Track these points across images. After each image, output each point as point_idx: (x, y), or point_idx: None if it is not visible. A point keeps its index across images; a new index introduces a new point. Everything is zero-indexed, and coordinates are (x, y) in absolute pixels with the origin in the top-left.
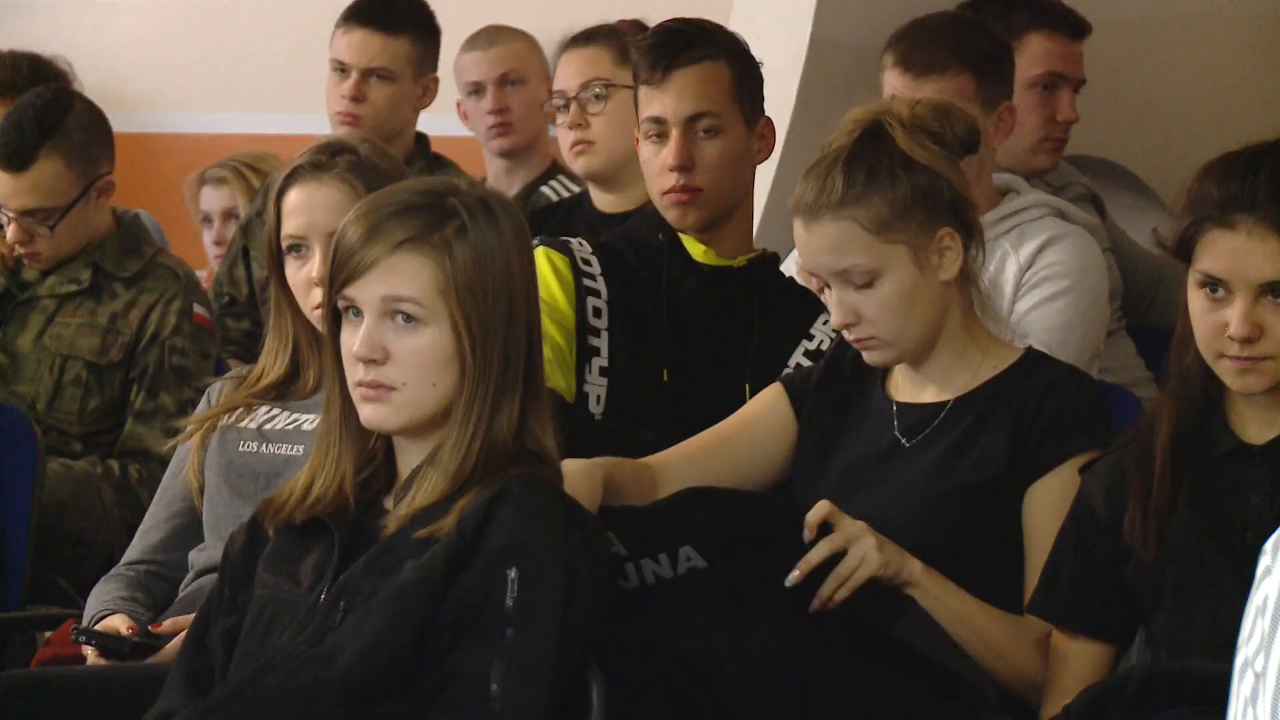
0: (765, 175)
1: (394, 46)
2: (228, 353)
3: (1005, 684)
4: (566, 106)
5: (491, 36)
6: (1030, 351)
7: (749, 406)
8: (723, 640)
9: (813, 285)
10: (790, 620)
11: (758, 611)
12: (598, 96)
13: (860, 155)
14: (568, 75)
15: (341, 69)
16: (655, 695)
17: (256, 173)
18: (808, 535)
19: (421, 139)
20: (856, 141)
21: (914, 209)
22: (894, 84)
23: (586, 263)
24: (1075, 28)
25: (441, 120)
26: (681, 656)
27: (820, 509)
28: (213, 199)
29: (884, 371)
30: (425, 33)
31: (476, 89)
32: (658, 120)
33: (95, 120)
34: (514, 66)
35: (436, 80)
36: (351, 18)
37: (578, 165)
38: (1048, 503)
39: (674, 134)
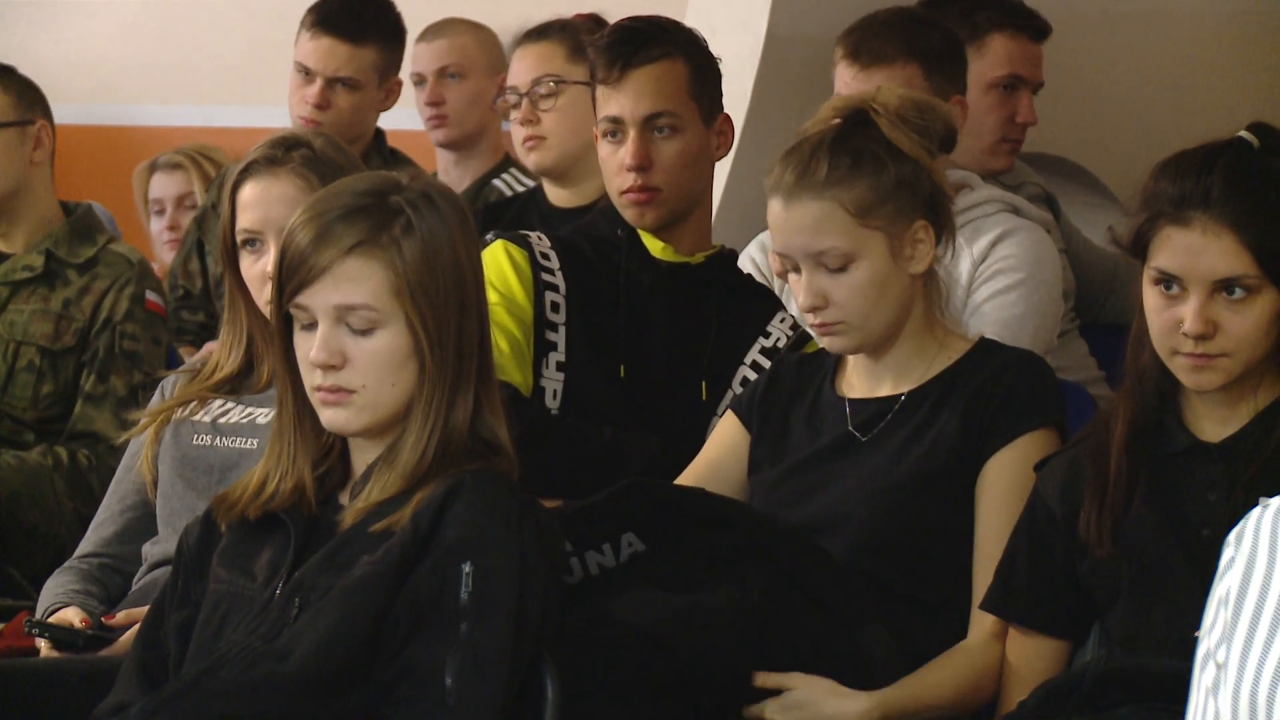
0: (720, 171)
1: (360, 56)
2: (183, 342)
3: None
4: (519, 102)
5: (439, 29)
6: (983, 340)
7: (710, 443)
8: (672, 606)
9: (775, 269)
10: (736, 587)
11: (702, 580)
12: (549, 93)
13: (846, 139)
14: (520, 71)
15: (306, 73)
16: (623, 677)
17: (211, 162)
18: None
19: (379, 135)
20: (842, 126)
21: (895, 197)
22: (843, 76)
23: (545, 257)
24: (1038, 30)
25: (394, 113)
26: (635, 628)
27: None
28: (166, 184)
29: (834, 369)
30: (392, 39)
31: (419, 80)
32: (615, 120)
33: (20, 78)
34: (454, 60)
35: (400, 82)
36: (318, 24)
37: (530, 161)
38: (998, 479)
39: (631, 133)
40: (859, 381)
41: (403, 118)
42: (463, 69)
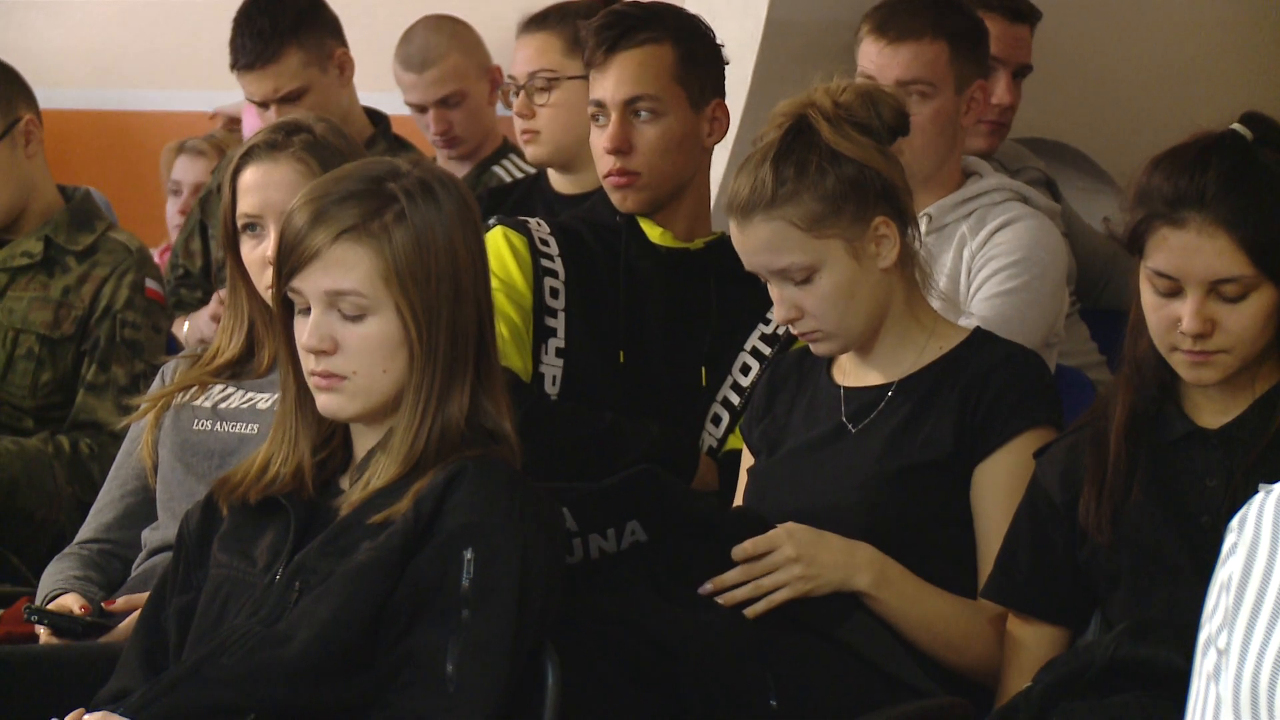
0: (719, 157)
1: (285, 69)
2: (179, 311)
3: (960, 672)
4: (518, 93)
5: (424, 56)
6: (977, 331)
7: (740, 484)
8: (680, 614)
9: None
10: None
11: (696, 595)
12: (543, 88)
13: (788, 152)
14: (520, 61)
15: (259, 104)
16: (612, 670)
17: None
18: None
19: (383, 120)
20: (783, 138)
21: (845, 202)
22: (868, 52)
23: (545, 243)
24: (1016, 12)
25: (394, 98)
26: (640, 629)
27: (741, 550)
28: (187, 169)
29: (829, 358)
30: (310, 29)
31: (420, 110)
32: (599, 103)
33: (3, 68)
34: (453, 89)
35: (346, 51)
36: (235, 65)
37: (527, 153)
38: (996, 482)
39: (612, 117)
40: (852, 369)
41: (398, 101)
42: (461, 93)
